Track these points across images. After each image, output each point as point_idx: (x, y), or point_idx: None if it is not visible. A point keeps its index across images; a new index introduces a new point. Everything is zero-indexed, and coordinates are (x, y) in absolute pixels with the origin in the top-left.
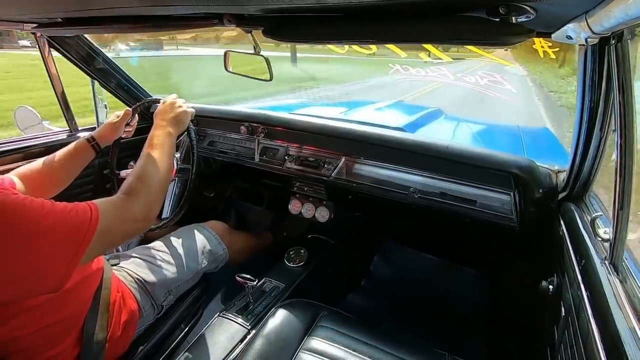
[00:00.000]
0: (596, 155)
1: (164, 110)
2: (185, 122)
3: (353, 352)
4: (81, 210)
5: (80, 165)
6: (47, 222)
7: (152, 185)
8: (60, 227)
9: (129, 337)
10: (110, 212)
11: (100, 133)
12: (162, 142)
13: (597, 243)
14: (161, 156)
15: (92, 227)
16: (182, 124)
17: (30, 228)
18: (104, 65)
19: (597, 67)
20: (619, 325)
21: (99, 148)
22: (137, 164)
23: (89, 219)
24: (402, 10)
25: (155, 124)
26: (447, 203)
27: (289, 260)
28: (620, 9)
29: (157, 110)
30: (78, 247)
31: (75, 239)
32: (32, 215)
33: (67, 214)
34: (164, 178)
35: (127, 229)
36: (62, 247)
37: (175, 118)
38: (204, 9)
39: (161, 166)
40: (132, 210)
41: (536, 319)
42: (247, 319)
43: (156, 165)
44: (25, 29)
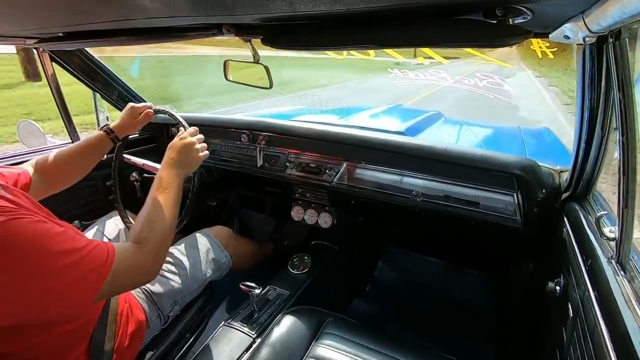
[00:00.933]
0: (598, 154)
1: (179, 148)
2: (196, 167)
3: (360, 358)
4: (100, 251)
5: (97, 157)
6: (66, 260)
7: (160, 234)
8: (79, 268)
9: (137, 347)
10: (124, 260)
11: (120, 126)
12: (170, 185)
13: (603, 242)
14: (169, 202)
15: (106, 270)
16: (192, 168)
17: (52, 262)
18: (104, 78)
19: (596, 66)
20: (628, 324)
21: (117, 140)
22: (145, 207)
23: (104, 263)
24: (400, 15)
25: (166, 159)
26: (450, 206)
27: (292, 268)
28: (617, 8)
29: (173, 144)
30: (93, 288)
31: (90, 282)
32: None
33: (87, 254)
34: (171, 225)
35: (136, 278)
36: (79, 286)
37: (188, 161)
38: (204, 20)
39: (168, 214)
40: (143, 260)
41: (543, 320)
42: (252, 327)
43: (164, 213)
44: (27, 45)
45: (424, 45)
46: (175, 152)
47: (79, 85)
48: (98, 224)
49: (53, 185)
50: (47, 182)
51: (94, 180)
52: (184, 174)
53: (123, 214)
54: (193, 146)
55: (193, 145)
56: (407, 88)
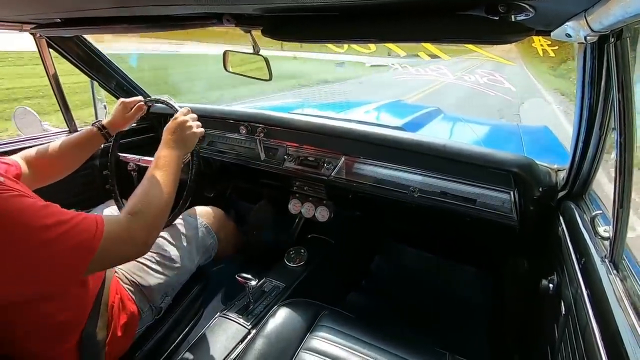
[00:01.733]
0: (596, 153)
1: (174, 129)
2: (193, 144)
3: (354, 351)
4: (88, 223)
5: (88, 153)
6: (54, 232)
7: (155, 210)
8: (67, 240)
9: (130, 338)
10: (114, 231)
11: (112, 122)
12: (168, 163)
13: (597, 241)
14: (166, 179)
15: (96, 243)
16: (190, 146)
17: (38, 235)
18: (102, 66)
19: (596, 65)
20: (619, 322)
21: (109, 136)
22: (142, 183)
23: (93, 235)
24: (402, 9)
25: (163, 142)
26: (447, 202)
27: (289, 260)
28: (620, 7)
29: (167, 127)
30: (82, 261)
31: (80, 254)
32: (40, 222)
33: (74, 226)
34: (167, 202)
35: (127, 251)
36: (68, 258)
37: (184, 139)
38: (203, 9)
39: (165, 190)
40: (134, 232)
41: (537, 317)
42: (247, 318)
43: (161, 188)
44: (24, 30)
45: (426, 40)
46: (171, 133)
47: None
48: (94, 212)
49: (42, 179)
50: (37, 174)
51: (90, 169)
52: (182, 153)
53: (120, 203)
54: (186, 124)
55: (186, 123)
56: (409, 85)
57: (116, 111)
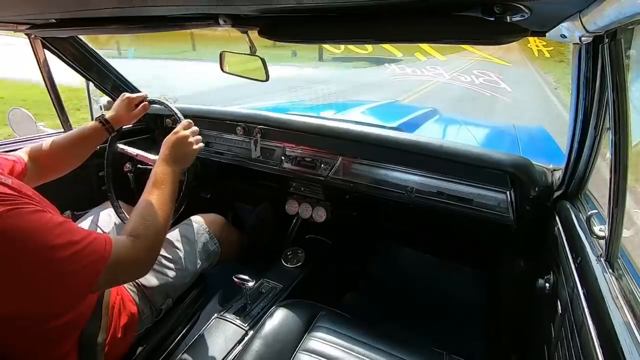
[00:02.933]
0: (591, 153)
1: (173, 144)
2: (192, 160)
3: (351, 352)
4: (98, 245)
5: (92, 147)
6: (65, 253)
7: (155, 229)
8: (77, 261)
9: (129, 339)
10: (121, 253)
11: (115, 117)
12: (165, 180)
13: (593, 240)
14: (164, 197)
15: (103, 264)
16: (188, 161)
17: (48, 255)
18: (98, 66)
19: (591, 66)
20: (615, 321)
21: (112, 130)
22: (140, 202)
23: (101, 256)
24: (398, 9)
25: (161, 157)
26: (444, 202)
27: (286, 261)
28: (614, 8)
29: (167, 140)
30: (89, 282)
31: (87, 275)
32: (52, 241)
33: (85, 247)
34: (165, 222)
35: (131, 272)
36: (75, 279)
37: (184, 156)
38: (200, 10)
39: (163, 209)
40: (137, 254)
41: (533, 316)
42: (244, 320)
43: (159, 208)
44: (18, 30)
45: (422, 41)
46: (169, 148)
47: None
48: (91, 214)
49: (46, 174)
50: (41, 170)
51: (86, 170)
52: (179, 169)
53: (116, 204)
54: (186, 140)
55: (186, 139)
56: (405, 85)
57: (119, 106)
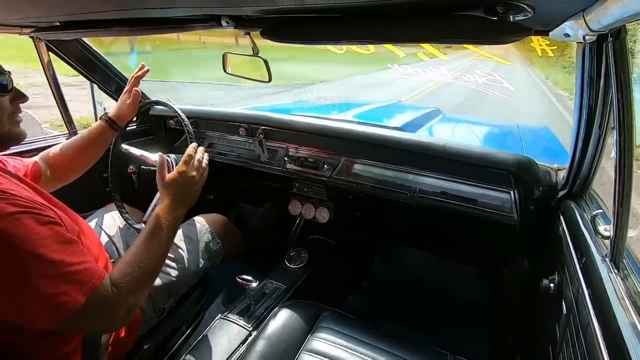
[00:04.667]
0: (595, 152)
1: (179, 186)
2: (195, 200)
3: (355, 352)
4: (89, 274)
5: (102, 148)
6: (54, 270)
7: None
8: (60, 284)
9: (132, 339)
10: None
11: (118, 113)
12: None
13: (598, 240)
14: (160, 246)
15: (83, 297)
16: (192, 203)
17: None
18: (102, 69)
19: (595, 65)
20: (620, 322)
21: (117, 127)
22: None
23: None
24: (400, 9)
25: (163, 197)
26: (448, 202)
27: (289, 262)
28: (618, 6)
29: (170, 179)
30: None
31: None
32: (47, 254)
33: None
34: (155, 272)
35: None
36: (51, 301)
37: (189, 199)
38: (202, 11)
39: (156, 259)
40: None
41: (538, 317)
42: (248, 320)
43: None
44: (23, 33)
45: (425, 41)
46: (174, 189)
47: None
48: (96, 216)
49: (61, 177)
50: (56, 174)
51: (90, 172)
52: (182, 212)
53: (120, 206)
54: (194, 180)
55: (194, 179)
56: (408, 85)
57: (119, 102)
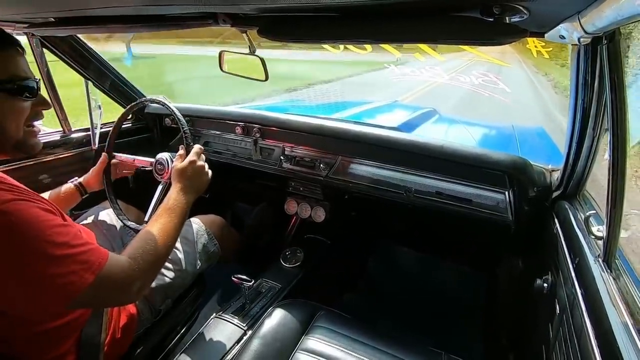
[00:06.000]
0: (589, 154)
1: (191, 174)
2: (205, 188)
3: (350, 351)
4: (93, 254)
5: (68, 208)
6: (58, 252)
7: (154, 256)
8: (68, 264)
9: (128, 340)
10: (113, 271)
11: (86, 180)
12: (178, 209)
13: (591, 241)
14: (172, 225)
15: (93, 275)
16: (202, 191)
17: (41, 248)
18: (97, 66)
19: (589, 67)
20: (613, 322)
21: (85, 192)
22: (151, 224)
23: (94, 267)
24: (397, 9)
25: (177, 186)
26: (443, 202)
27: (285, 261)
28: (613, 9)
29: (182, 170)
30: (73, 290)
31: (74, 281)
32: (51, 237)
33: (80, 253)
34: (167, 249)
35: (117, 293)
36: (61, 282)
37: (200, 186)
38: (198, 9)
39: (168, 237)
40: (130, 277)
41: (531, 316)
42: (243, 319)
43: (164, 235)
44: (17, 29)
45: (421, 41)
46: (187, 178)
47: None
48: (91, 214)
49: None
50: None
51: (84, 172)
52: (194, 198)
53: (115, 205)
54: (203, 169)
55: (203, 169)
56: (403, 85)
57: (91, 171)
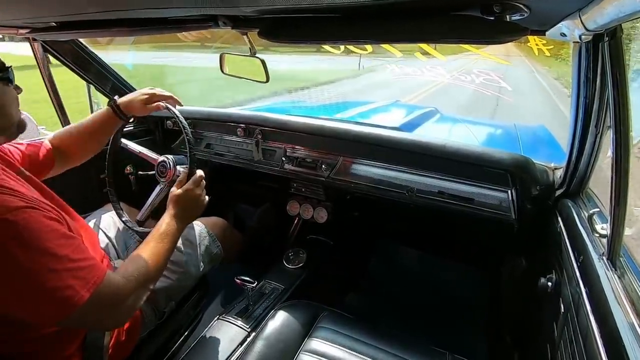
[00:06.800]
0: (592, 151)
1: (185, 201)
2: (199, 215)
3: (353, 352)
4: (93, 271)
5: (109, 133)
6: (58, 265)
7: (146, 278)
8: (65, 278)
9: (133, 342)
10: (109, 291)
11: (129, 105)
12: (170, 235)
13: (595, 239)
14: (163, 250)
15: (89, 292)
16: (195, 218)
17: (43, 260)
18: (98, 69)
19: (591, 64)
20: (618, 320)
21: (124, 117)
22: (139, 248)
23: (91, 283)
24: (398, 9)
25: (170, 212)
26: (445, 201)
27: (288, 262)
28: (614, 6)
29: (178, 196)
30: (69, 304)
31: (69, 295)
32: (54, 250)
33: (81, 269)
34: (158, 273)
35: (111, 312)
36: (58, 296)
37: (193, 214)
38: (199, 11)
39: (160, 261)
40: (124, 295)
41: (535, 316)
42: (246, 321)
43: (156, 259)
44: (19, 34)
45: (422, 41)
46: (180, 205)
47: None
48: (93, 217)
49: (69, 160)
50: (65, 156)
51: (87, 173)
52: (185, 225)
53: (118, 207)
54: (199, 197)
55: (199, 197)
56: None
57: (136, 95)
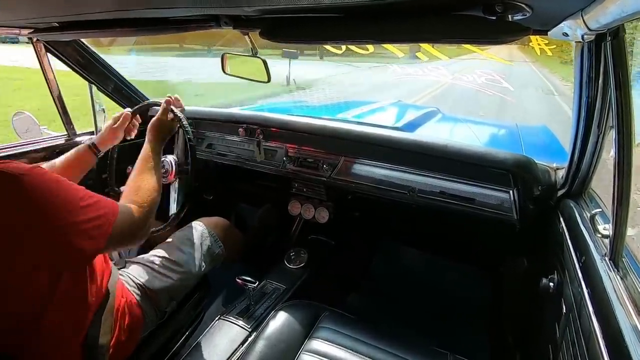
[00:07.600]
0: (594, 152)
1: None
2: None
3: (355, 352)
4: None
5: (83, 171)
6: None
7: (150, 193)
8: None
9: (134, 342)
10: (125, 213)
11: (101, 138)
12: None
13: (597, 239)
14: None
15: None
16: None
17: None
18: (101, 69)
19: (593, 64)
20: (621, 321)
21: (98, 152)
22: (133, 176)
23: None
24: (399, 9)
25: (147, 138)
26: (447, 202)
27: (289, 262)
28: (617, 5)
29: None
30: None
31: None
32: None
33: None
34: (158, 185)
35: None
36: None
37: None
38: (201, 11)
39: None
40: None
41: (537, 316)
42: (248, 321)
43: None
44: (22, 34)
45: (423, 41)
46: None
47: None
48: None
49: None
50: None
51: (88, 172)
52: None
53: None
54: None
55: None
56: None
57: (105, 127)
